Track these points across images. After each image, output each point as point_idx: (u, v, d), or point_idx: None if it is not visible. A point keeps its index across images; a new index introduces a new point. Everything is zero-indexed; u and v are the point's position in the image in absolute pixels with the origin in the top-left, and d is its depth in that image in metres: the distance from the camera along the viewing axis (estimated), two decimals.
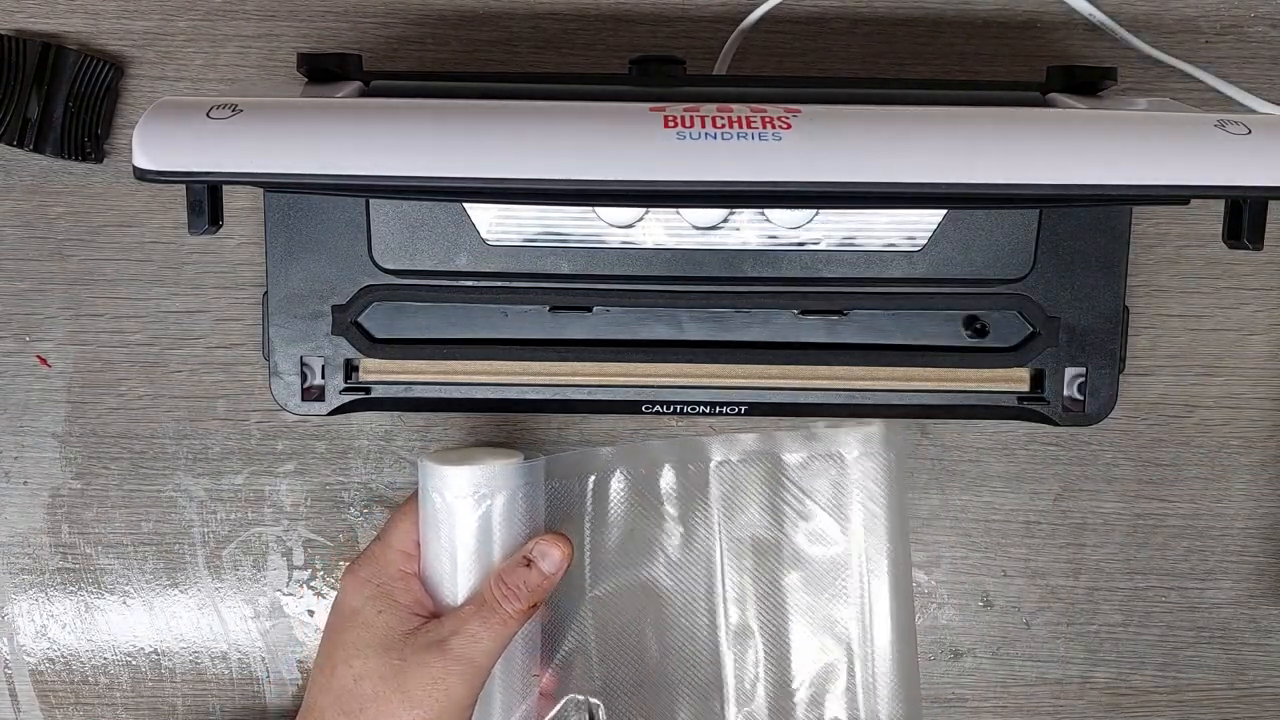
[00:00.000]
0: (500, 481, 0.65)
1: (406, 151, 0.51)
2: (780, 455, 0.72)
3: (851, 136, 0.51)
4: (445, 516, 0.65)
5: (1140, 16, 0.74)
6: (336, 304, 0.68)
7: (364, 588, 0.65)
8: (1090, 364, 0.69)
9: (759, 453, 0.73)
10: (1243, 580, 0.75)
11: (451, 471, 0.65)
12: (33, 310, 0.73)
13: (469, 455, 0.66)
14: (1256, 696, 0.75)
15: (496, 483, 0.65)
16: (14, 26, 0.72)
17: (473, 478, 0.65)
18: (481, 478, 0.65)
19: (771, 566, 0.72)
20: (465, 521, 0.65)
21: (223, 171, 0.50)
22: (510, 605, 0.63)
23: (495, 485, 0.65)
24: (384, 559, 0.66)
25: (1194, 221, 0.74)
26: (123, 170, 0.73)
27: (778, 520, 0.73)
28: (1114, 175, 0.51)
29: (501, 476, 0.65)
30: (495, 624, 0.63)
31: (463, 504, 0.65)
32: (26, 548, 0.74)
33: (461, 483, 0.65)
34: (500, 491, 0.65)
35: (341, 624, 0.65)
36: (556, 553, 0.65)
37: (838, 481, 0.72)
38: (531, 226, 0.67)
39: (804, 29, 0.73)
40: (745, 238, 0.67)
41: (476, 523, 0.65)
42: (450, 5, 0.73)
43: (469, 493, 0.65)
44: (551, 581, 0.65)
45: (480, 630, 0.63)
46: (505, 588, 0.63)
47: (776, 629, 0.72)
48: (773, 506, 0.73)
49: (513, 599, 0.63)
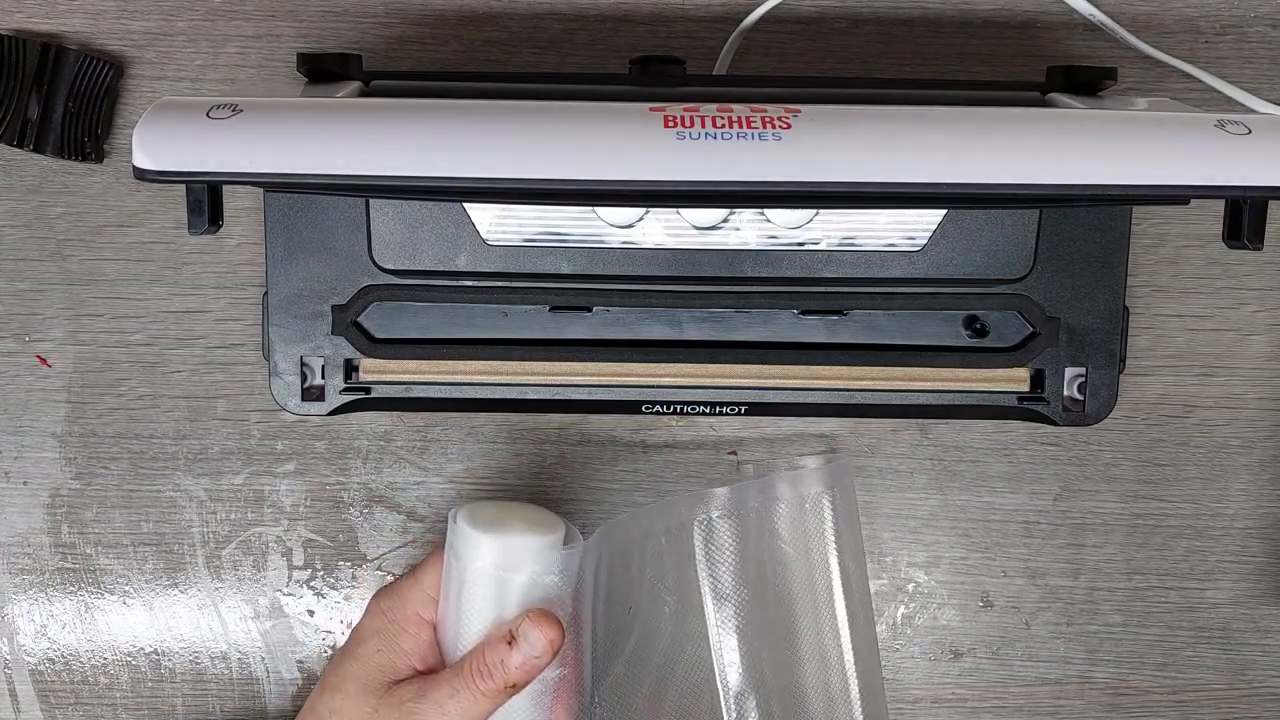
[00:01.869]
0: (527, 559, 0.62)
1: (406, 151, 0.51)
2: (749, 503, 0.69)
3: (851, 136, 0.51)
4: (462, 577, 0.62)
5: (1140, 16, 0.73)
6: (336, 304, 0.68)
7: (379, 620, 0.64)
8: (1090, 364, 0.69)
9: (733, 504, 0.69)
10: (1243, 580, 0.75)
11: (478, 537, 0.62)
12: (33, 310, 0.73)
13: (505, 516, 0.63)
14: (1256, 696, 0.75)
15: (522, 560, 0.62)
16: (14, 26, 0.72)
17: (496, 550, 0.61)
18: (507, 552, 0.61)
19: (757, 620, 0.69)
20: (481, 590, 0.62)
21: (223, 171, 0.50)
22: (482, 683, 0.60)
23: (520, 562, 0.62)
24: (408, 597, 0.64)
25: (1194, 221, 0.74)
26: (123, 170, 0.73)
27: (758, 571, 0.69)
28: (1114, 175, 0.51)
29: (530, 554, 0.62)
30: (464, 699, 0.60)
31: (482, 573, 0.62)
32: (26, 548, 0.74)
33: (484, 552, 0.62)
34: (524, 569, 0.62)
35: (349, 647, 0.65)
36: (536, 634, 0.61)
37: (797, 523, 0.69)
38: (531, 226, 0.67)
39: (804, 29, 0.73)
40: (745, 238, 0.67)
41: (492, 594, 0.62)
42: (450, 5, 0.73)
43: (490, 564, 0.61)
44: (534, 664, 0.61)
45: (448, 703, 0.60)
46: (482, 664, 0.61)
47: (770, 687, 0.69)
48: (752, 558, 0.69)
49: (485, 678, 0.60)
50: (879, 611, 0.75)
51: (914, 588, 0.75)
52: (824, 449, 0.74)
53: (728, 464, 0.74)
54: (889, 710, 0.71)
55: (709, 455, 0.74)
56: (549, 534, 0.63)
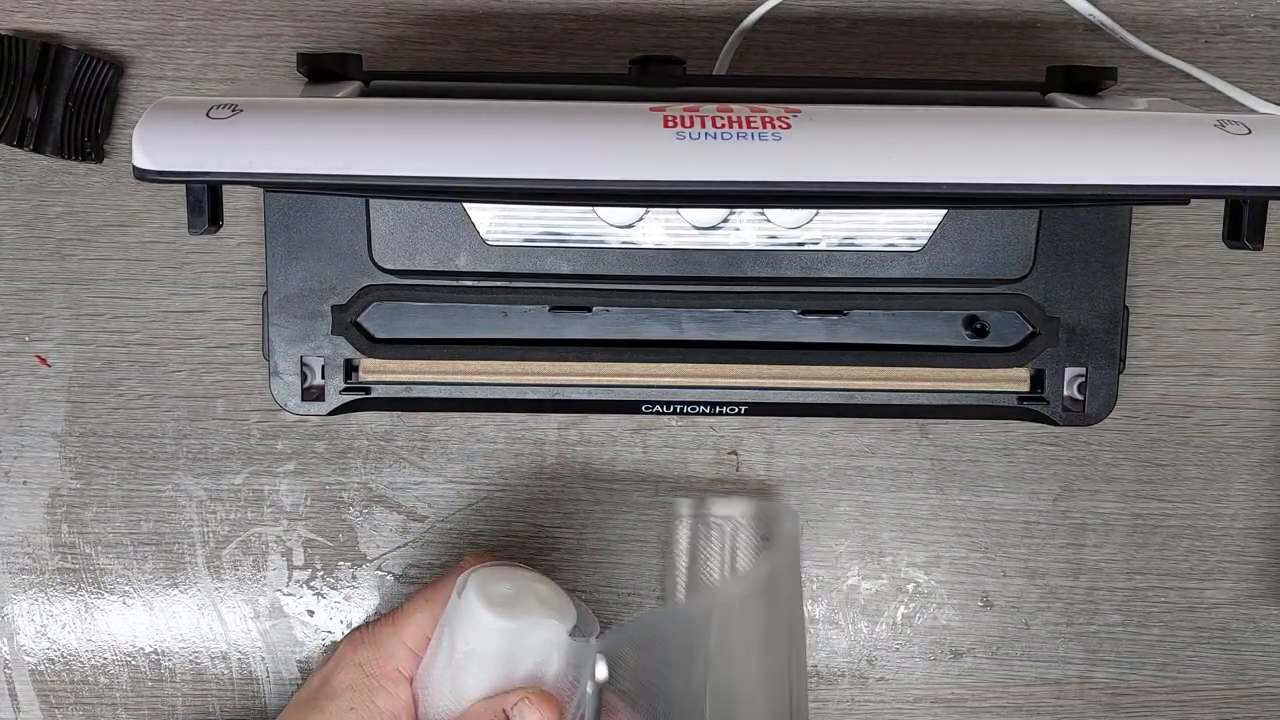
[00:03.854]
0: (536, 645, 0.59)
1: (406, 151, 0.51)
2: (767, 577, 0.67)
3: (851, 136, 0.51)
4: (461, 650, 0.60)
5: (1140, 16, 0.74)
6: (336, 304, 0.68)
7: (354, 672, 0.61)
8: (1090, 364, 0.69)
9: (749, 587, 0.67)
10: (1243, 580, 0.75)
11: (486, 616, 0.59)
12: (32, 310, 0.73)
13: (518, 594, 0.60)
14: (1256, 696, 0.75)
15: (531, 645, 0.59)
16: (14, 26, 0.72)
17: (506, 633, 0.59)
18: (518, 637, 0.59)
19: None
20: (480, 669, 0.59)
21: (223, 171, 0.50)
22: None
23: (528, 647, 0.59)
24: (389, 649, 0.61)
25: (1194, 221, 0.74)
26: (123, 170, 0.73)
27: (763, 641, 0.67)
28: (1114, 175, 0.51)
29: (540, 641, 0.59)
30: None
31: (484, 653, 0.59)
32: (26, 548, 0.74)
33: (491, 632, 0.59)
34: (531, 656, 0.59)
35: (317, 697, 0.62)
36: (534, 715, 0.57)
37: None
38: (531, 226, 0.67)
39: (804, 29, 0.73)
40: (745, 238, 0.67)
41: (492, 674, 0.59)
42: (450, 5, 0.73)
43: (496, 646, 0.59)
44: None
45: None
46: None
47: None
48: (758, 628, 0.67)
49: None
50: (879, 611, 0.75)
51: (914, 588, 0.75)
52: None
53: (728, 464, 0.74)
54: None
55: (709, 455, 0.74)
56: (563, 620, 0.60)
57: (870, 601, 0.75)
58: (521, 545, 0.74)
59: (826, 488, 0.74)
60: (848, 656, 0.75)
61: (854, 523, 0.75)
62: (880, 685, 0.75)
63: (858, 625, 0.75)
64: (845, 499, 0.75)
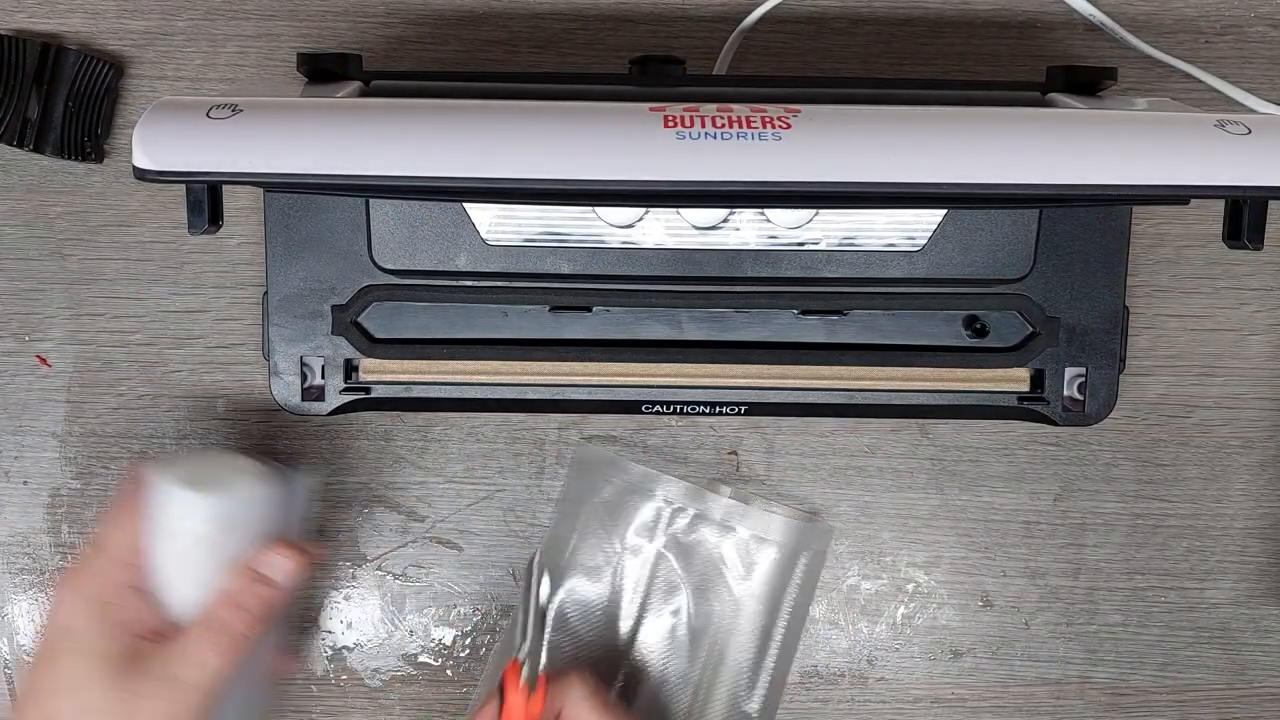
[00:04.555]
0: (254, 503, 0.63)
1: (406, 151, 0.51)
2: (729, 522, 0.72)
3: (851, 136, 0.51)
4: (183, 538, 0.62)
5: (1140, 16, 0.74)
6: (336, 304, 0.68)
7: (81, 604, 0.61)
8: (1090, 364, 0.69)
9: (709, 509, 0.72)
10: (1243, 580, 0.75)
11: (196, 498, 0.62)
12: (33, 310, 0.73)
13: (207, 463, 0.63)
14: (1256, 696, 0.75)
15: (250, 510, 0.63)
16: (14, 26, 0.72)
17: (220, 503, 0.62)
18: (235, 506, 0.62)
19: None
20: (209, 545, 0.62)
21: (223, 171, 0.50)
22: (242, 625, 0.61)
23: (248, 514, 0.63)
24: (103, 572, 0.62)
25: (1194, 221, 0.74)
26: (123, 170, 0.73)
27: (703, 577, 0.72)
28: (1114, 175, 0.51)
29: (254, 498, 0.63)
30: (226, 646, 0.60)
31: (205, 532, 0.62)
32: (26, 548, 0.74)
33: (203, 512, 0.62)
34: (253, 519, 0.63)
35: (57, 648, 0.61)
36: (289, 564, 0.62)
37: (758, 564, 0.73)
38: (531, 226, 0.67)
39: (804, 29, 0.73)
40: (745, 238, 0.67)
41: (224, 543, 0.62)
42: (450, 5, 0.73)
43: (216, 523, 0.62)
44: (282, 595, 0.62)
45: (210, 656, 0.60)
46: (235, 608, 0.61)
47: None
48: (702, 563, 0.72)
49: (243, 619, 0.61)
50: (879, 611, 0.75)
51: (914, 588, 0.75)
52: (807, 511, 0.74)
53: (728, 464, 0.74)
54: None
55: (709, 455, 0.74)
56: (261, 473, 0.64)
57: (870, 601, 0.75)
58: (522, 545, 0.74)
59: (826, 488, 0.74)
60: (848, 656, 0.75)
61: (854, 523, 0.75)
62: (880, 685, 0.75)
63: (858, 625, 0.75)
64: (845, 499, 0.75)
